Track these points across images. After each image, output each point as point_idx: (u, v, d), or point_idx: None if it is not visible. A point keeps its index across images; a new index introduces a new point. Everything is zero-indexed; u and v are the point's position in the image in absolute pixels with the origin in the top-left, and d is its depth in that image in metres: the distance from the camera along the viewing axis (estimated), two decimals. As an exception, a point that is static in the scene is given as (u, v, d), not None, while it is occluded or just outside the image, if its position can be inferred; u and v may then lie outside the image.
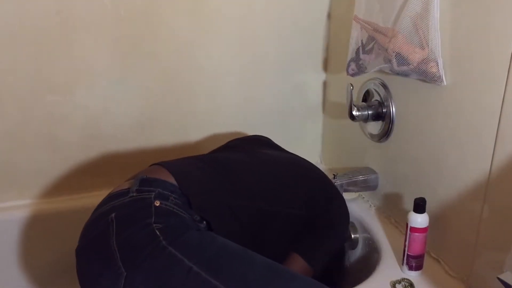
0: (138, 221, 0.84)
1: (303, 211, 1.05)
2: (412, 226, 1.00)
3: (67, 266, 1.04)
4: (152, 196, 0.88)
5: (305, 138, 1.63)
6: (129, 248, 0.82)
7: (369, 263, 1.17)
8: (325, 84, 1.57)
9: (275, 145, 1.28)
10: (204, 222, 0.92)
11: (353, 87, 1.22)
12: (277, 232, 1.03)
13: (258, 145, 1.25)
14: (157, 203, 0.86)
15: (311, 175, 1.13)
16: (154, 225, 0.83)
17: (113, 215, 0.86)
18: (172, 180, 0.93)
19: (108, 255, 0.82)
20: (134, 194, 0.89)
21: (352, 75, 1.21)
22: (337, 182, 1.27)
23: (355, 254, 1.29)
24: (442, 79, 0.99)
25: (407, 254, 1.01)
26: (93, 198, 0.99)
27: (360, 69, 1.17)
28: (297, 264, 1.02)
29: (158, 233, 0.82)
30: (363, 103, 1.27)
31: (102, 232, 0.85)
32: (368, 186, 1.31)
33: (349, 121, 1.26)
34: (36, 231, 1.33)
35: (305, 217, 1.05)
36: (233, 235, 0.94)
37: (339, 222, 1.11)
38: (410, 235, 1.00)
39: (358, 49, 1.16)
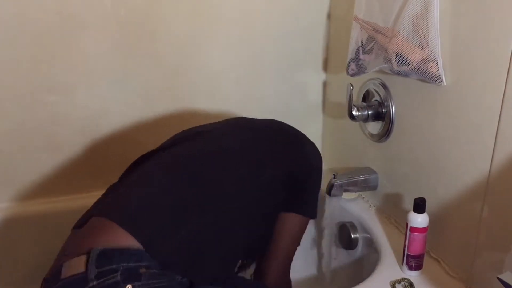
0: None
1: (285, 177, 1.02)
2: (412, 226, 1.00)
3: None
4: (119, 278, 0.67)
5: (305, 138, 1.63)
6: None
7: (369, 263, 1.17)
8: (325, 84, 1.57)
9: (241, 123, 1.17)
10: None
11: (353, 87, 1.22)
12: (270, 211, 1.01)
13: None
14: None
15: (275, 138, 1.09)
16: None
17: None
18: (131, 241, 0.71)
19: None
20: (95, 284, 0.67)
21: (352, 75, 1.21)
22: (337, 182, 1.26)
23: (355, 254, 1.29)
24: (442, 79, 0.99)
25: (407, 254, 1.01)
26: (93, 199, 0.99)
27: (360, 69, 1.17)
28: (295, 221, 1.03)
29: None
30: (363, 103, 1.27)
31: None
32: (368, 186, 1.31)
33: (349, 121, 1.26)
34: (34, 231, 1.32)
35: (287, 175, 1.02)
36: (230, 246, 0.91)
37: (316, 162, 1.09)
38: (410, 235, 1.00)
39: (358, 49, 1.16)
